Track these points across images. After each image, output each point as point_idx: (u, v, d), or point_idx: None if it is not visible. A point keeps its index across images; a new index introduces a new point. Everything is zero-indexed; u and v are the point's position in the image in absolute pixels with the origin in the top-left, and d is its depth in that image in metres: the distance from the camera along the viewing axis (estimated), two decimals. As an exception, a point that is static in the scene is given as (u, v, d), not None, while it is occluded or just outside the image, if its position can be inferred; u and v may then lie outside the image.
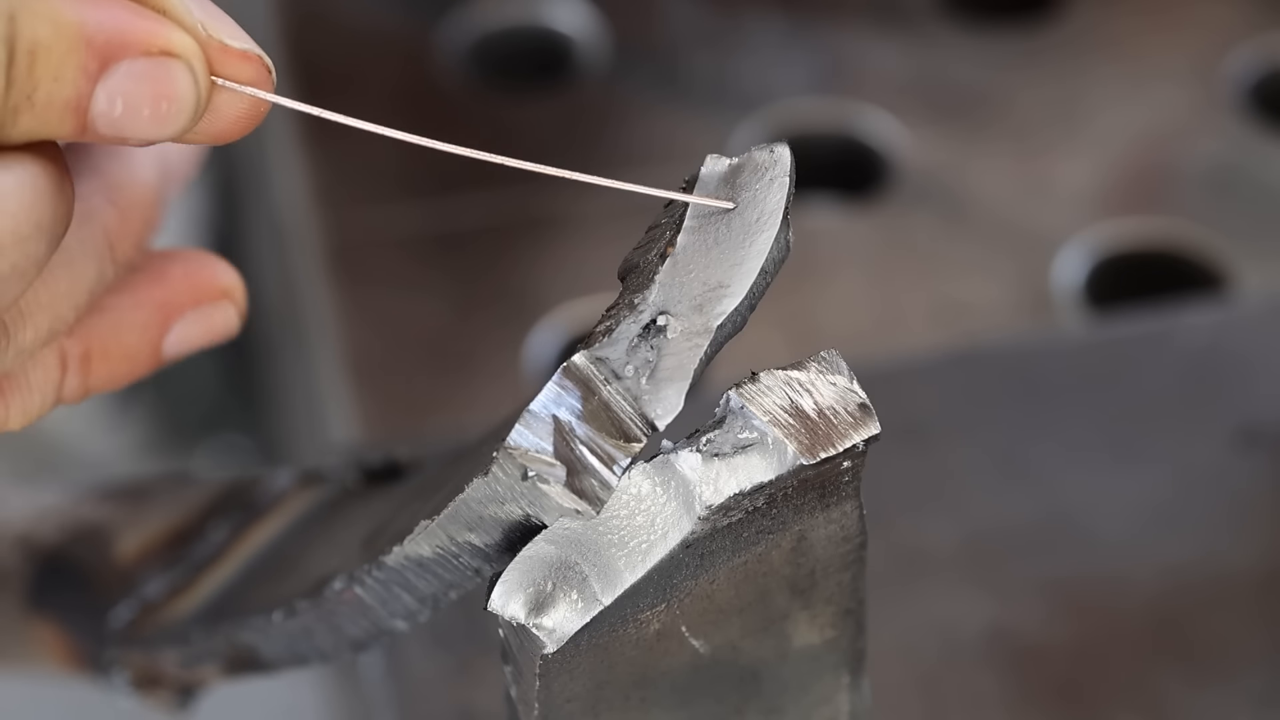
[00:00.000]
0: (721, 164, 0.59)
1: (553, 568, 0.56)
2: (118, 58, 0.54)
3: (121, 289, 0.61)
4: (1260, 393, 1.12)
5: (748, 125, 1.32)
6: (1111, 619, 1.03)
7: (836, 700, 0.64)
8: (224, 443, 1.86)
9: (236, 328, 0.63)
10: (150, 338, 0.62)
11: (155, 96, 0.54)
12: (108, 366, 0.61)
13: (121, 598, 0.76)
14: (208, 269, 0.63)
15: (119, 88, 0.54)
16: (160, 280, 0.62)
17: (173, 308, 0.62)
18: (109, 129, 0.54)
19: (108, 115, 0.54)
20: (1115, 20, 1.39)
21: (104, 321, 0.61)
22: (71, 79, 0.53)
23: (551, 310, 1.22)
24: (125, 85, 0.54)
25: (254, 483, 0.77)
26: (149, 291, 0.62)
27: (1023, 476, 1.08)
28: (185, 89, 0.55)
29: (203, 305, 0.63)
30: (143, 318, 0.61)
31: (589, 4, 1.38)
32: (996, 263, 1.25)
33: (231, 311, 0.63)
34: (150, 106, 0.54)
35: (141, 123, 0.54)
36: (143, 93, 0.54)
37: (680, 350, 0.56)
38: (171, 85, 0.54)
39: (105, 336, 0.61)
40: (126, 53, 0.54)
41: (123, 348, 0.61)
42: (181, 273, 0.62)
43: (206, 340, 0.63)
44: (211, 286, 0.63)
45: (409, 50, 1.36)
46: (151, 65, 0.54)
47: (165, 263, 0.62)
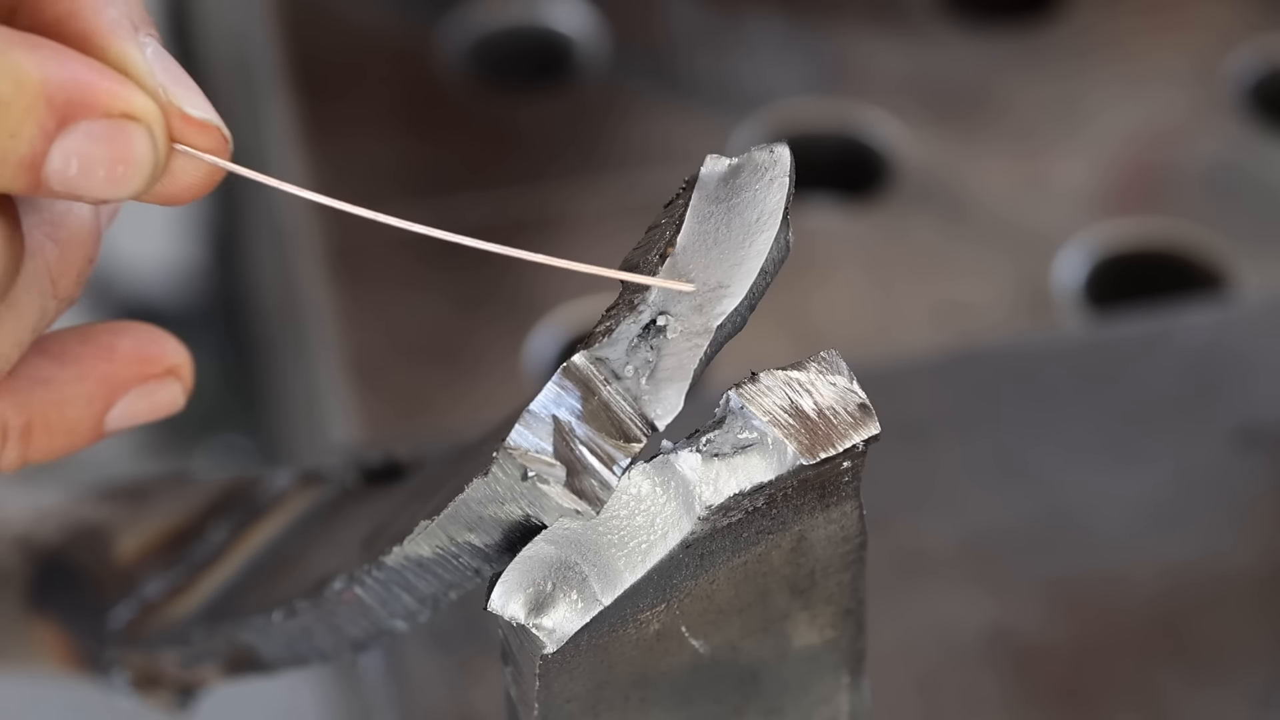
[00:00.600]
0: (721, 164, 0.59)
1: (553, 568, 0.56)
2: (77, 117, 0.53)
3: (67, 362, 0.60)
4: (1260, 393, 1.12)
5: (748, 125, 1.32)
6: (1111, 619, 1.03)
7: (836, 700, 0.64)
8: (224, 443, 1.86)
9: (181, 404, 0.62)
10: (94, 412, 0.61)
11: (112, 159, 0.53)
12: (48, 439, 0.60)
13: (121, 598, 0.76)
14: (155, 346, 0.62)
15: (75, 148, 0.53)
16: (107, 355, 0.61)
17: (118, 383, 0.61)
18: (63, 187, 0.53)
19: (62, 174, 0.53)
20: (1115, 20, 1.39)
21: (48, 394, 0.60)
22: (28, 137, 0.52)
23: (551, 310, 1.22)
24: (82, 146, 0.53)
25: (254, 483, 0.77)
26: (95, 366, 0.61)
27: (1023, 476, 1.08)
28: (143, 153, 0.54)
29: (148, 382, 0.62)
30: (87, 392, 0.61)
31: (589, 4, 1.38)
32: (996, 263, 1.25)
33: (177, 389, 0.62)
34: (106, 168, 0.53)
35: (96, 183, 0.53)
36: (99, 154, 0.53)
37: (680, 350, 0.56)
38: (129, 149, 0.53)
39: (48, 409, 0.60)
40: (86, 113, 0.53)
41: (65, 421, 0.60)
42: (129, 348, 0.61)
43: (150, 417, 0.62)
44: (158, 363, 0.62)
45: (409, 50, 1.36)
46: (110, 127, 0.53)
47: (113, 336, 0.61)
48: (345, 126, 1.32)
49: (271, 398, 1.64)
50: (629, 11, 1.39)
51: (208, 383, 1.86)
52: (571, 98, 1.34)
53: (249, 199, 1.57)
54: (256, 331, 1.64)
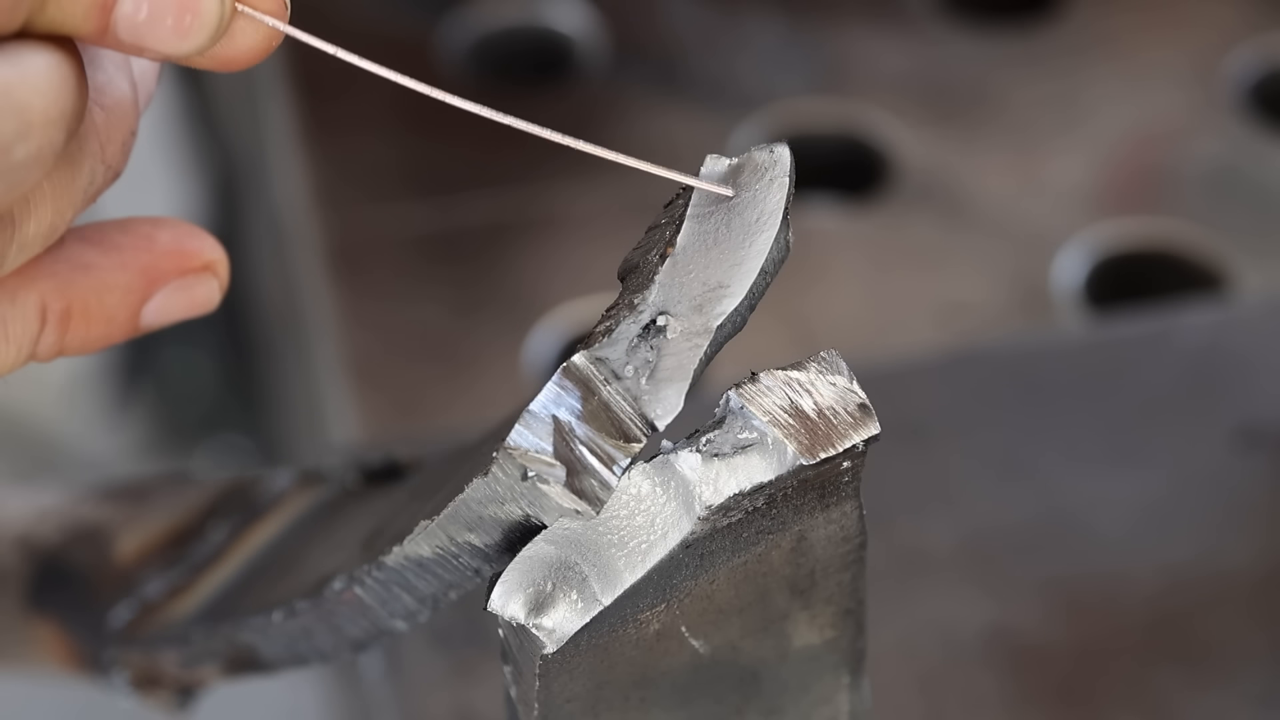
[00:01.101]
0: (721, 164, 0.59)
1: (553, 568, 0.56)
2: None
3: (108, 249, 0.61)
4: (1260, 393, 1.12)
5: (748, 125, 1.32)
6: (1111, 619, 1.03)
7: (836, 700, 0.64)
8: (224, 443, 1.86)
9: (217, 302, 0.63)
10: (132, 302, 0.61)
11: (180, 8, 0.54)
12: (86, 327, 0.60)
13: (121, 598, 0.76)
14: (194, 240, 0.62)
15: None
16: (147, 246, 0.61)
17: (157, 275, 0.62)
18: (129, 34, 0.55)
19: (131, 19, 0.54)
20: (1115, 20, 1.39)
21: (88, 280, 0.60)
22: None
23: (551, 310, 1.22)
24: None
25: (254, 483, 0.77)
26: (135, 256, 0.61)
27: (1023, 476, 1.08)
28: (210, 6, 0.55)
29: (186, 276, 0.62)
30: (126, 280, 0.61)
31: (589, 4, 1.38)
32: (996, 262, 1.26)
33: (214, 285, 0.63)
34: (174, 17, 0.54)
35: (162, 33, 0.55)
36: (169, 2, 0.54)
37: (680, 350, 0.56)
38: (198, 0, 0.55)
39: (87, 295, 0.60)
40: None
41: (103, 309, 0.61)
42: (168, 241, 0.62)
43: (186, 312, 0.63)
44: (197, 258, 0.62)
45: (409, 50, 1.36)
46: None
47: (153, 229, 0.62)
48: (345, 126, 1.32)
49: (271, 398, 1.64)
50: (629, 11, 1.39)
51: (208, 383, 1.86)
52: (571, 98, 1.34)
53: (249, 199, 1.57)
54: (256, 331, 1.64)
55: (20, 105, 0.53)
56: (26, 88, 0.54)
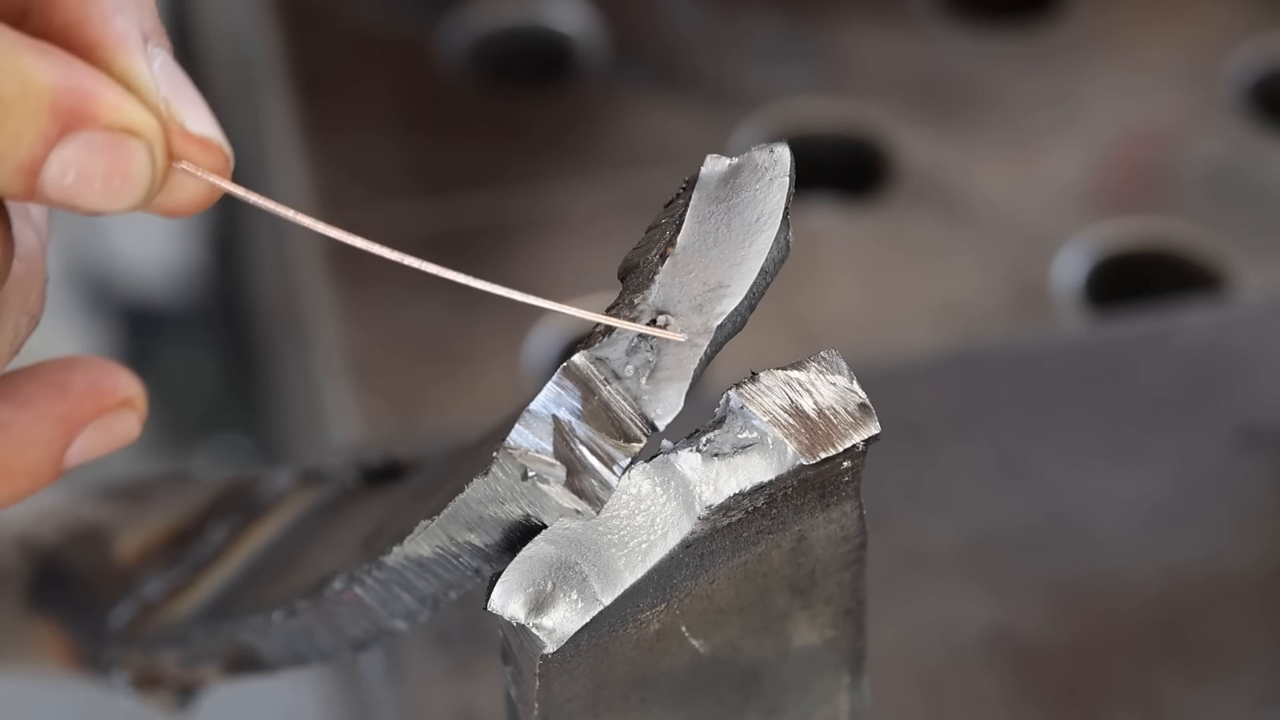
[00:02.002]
0: (721, 164, 0.59)
1: (553, 568, 0.56)
2: (78, 127, 0.53)
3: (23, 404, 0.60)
4: (1260, 393, 1.12)
5: (748, 125, 1.32)
6: (1111, 619, 1.03)
7: (836, 700, 0.64)
8: (224, 443, 1.86)
9: (137, 434, 0.63)
10: (54, 453, 0.61)
11: (109, 172, 0.53)
12: (10, 484, 0.60)
13: (121, 598, 0.76)
14: (108, 379, 0.62)
15: (74, 157, 0.53)
16: (61, 393, 0.61)
17: (74, 421, 0.61)
18: (58, 195, 0.53)
19: (59, 182, 0.53)
20: (1114, 19, 1.39)
21: (7, 440, 0.60)
22: (29, 141, 0.52)
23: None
24: (81, 156, 0.53)
25: (254, 483, 0.77)
26: (50, 406, 0.61)
27: (1023, 476, 1.08)
28: (140, 168, 0.54)
29: (104, 416, 0.62)
30: (45, 434, 0.60)
31: (589, 4, 1.38)
32: (996, 262, 1.26)
33: (133, 419, 0.62)
34: (103, 181, 0.53)
35: (91, 194, 0.53)
36: (97, 166, 0.53)
37: (680, 350, 0.56)
38: (127, 163, 0.53)
39: (9, 454, 0.60)
40: (87, 124, 0.53)
41: (25, 464, 0.60)
42: (82, 384, 0.61)
43: (107, 449, 0.62)
44: (113, 396, 0.62)
45: (409, 50, 1.36)
46: (109, 140, 0.53)
47: (65, 373, 0.61)
48: (346, 125, 1.32)
49: (271, 398, 1.64)
50: (629, 11, 1.39)
51: (208, 383, 1.86)
52: (571, 98, 1.34)
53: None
54: (256, 331, 1.64)
55: None
56: None
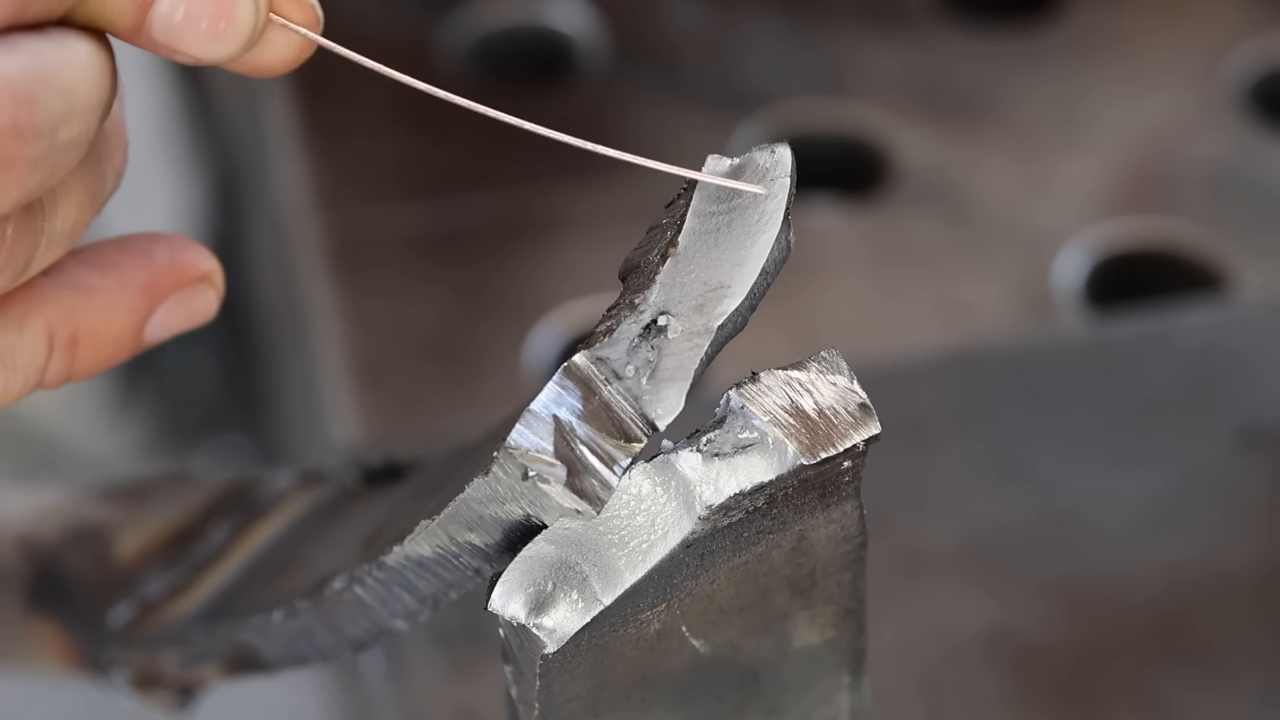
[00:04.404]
0: (723, 164, 0.59)
1: (553, 568, 0.56)
2: None
3: (108, 270, 0.61)
4: (1260, 393, 1.12)
5: (748, 125, 1.32)
6: (1111, 619, 1.03)
7: (837, 700, 0.64)
8: (224, 443, 1.86)
9: (215, 312, 0.64)
10: (136, 320, 0.62)
11: (216, 14, 0.55)
12: (94, 350, 0.61)
13: (121, 598, 0.76)
14: (190, 253, 0.63)
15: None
16: (145, 263, 0.62)
17: (157, 291, 0.62)
18: (163, 35, 0.55)
19: (167, 20, 0.55)
20: (1116, 20, 1.39)
21: (92, 303, 0.61)
22: None
23: (551, 310, 1.22)
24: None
25: (254, 483, 0.77)
26: (134, 275, 0.62)
27: (1023, 476, 1.08)
28: (245, 14, 0.55)
29: (184, 289, 0.63)
30: (129, 300, 0.61)
31: (589, 4, 1.38)
32: (997, 263, 1.26)
33: (211, 295, 0.63)
34: (209, 22, 0.55)
35: (196, 37, 0.55)
36: (205, 7, 0.55)
37: (681, 350, 0.56)
38: (234, 7, 0.55)
39: (92, 319, 0.61)
40: None
41: (109, 330, 0.61)
42: (165, 256, 0.62)
43: (186, 324, 0.63)
44: (194, 270, 0.63)
45: (409, 50, 1.36)
46: None
47: (149, 245, 0.62)
48: (345, 126, 1.32)
49: (271, 398, 1.64)
50: (629, 11, 1.39)
51: (208, 383, 1.86)
52: (571, 98, 1.34)
53: (249, 199, 1.57)
54: (256, 331, 1.64)
55: (67, 87, 0.54)
56: (72, 71, 0.54)
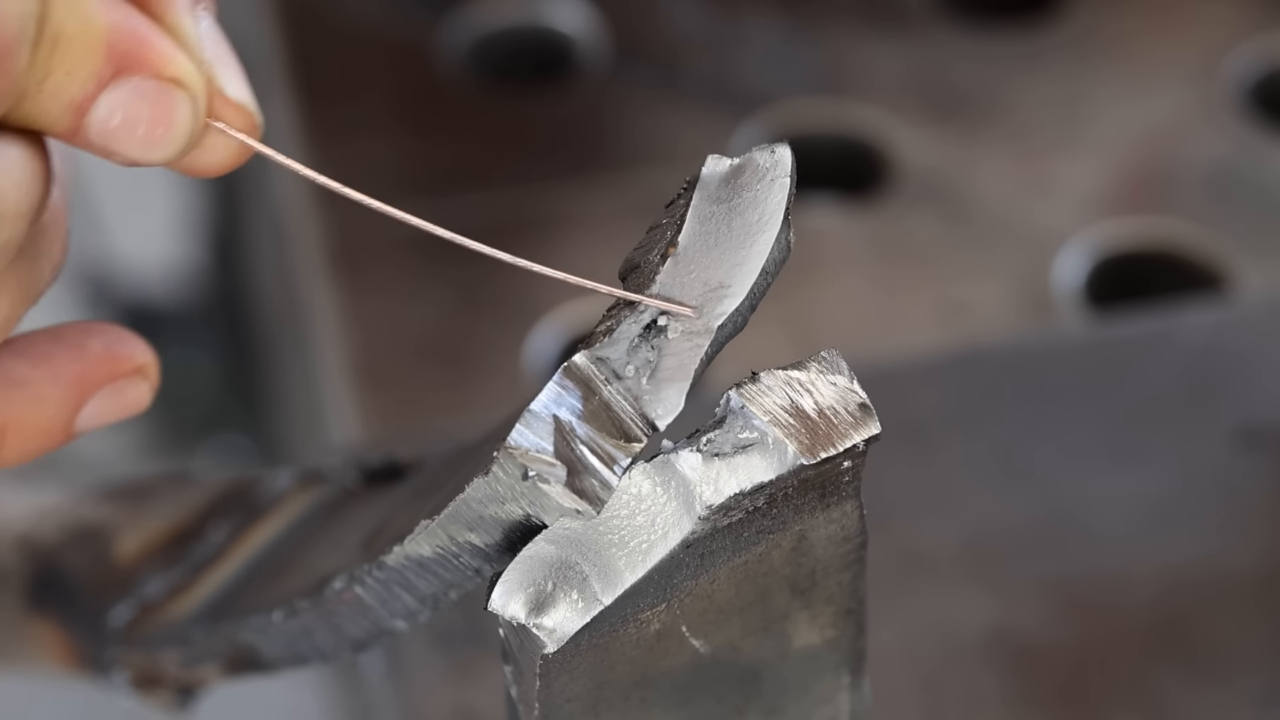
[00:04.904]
0: (723, 164, 0.59)
1: (553, 568, 0.56)
2: (130, 71, 0.54)
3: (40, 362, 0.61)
4: (1260, 393, 1.12)
5: (748, 125, 1.32)
6: (1111, 619, 1.03)
7: (837, 700, 0.64)
8: (224, 443, 1.86)
9: (148, 403, 0.63)
10: (66, 412, 0.61)
11: (153, 120, 0.55)
12: (21, 442, 0.61)
13: (121, 598, 0.76)
14: (124, 346, 0.62)
15: (123, 101, 0.54)
16: (78, 355, 0.62)
17: (89, 383, 0.62)
18: (100, 139, 0.55)
19: (104, 124, 0.55)
20: (1116, 20, 1.39)
21: (22, 396, 0.60)
22: (82, 78, 0.54)
23: (551, 310, 1.22)
24: (129, 100, 0.54)
25: (254, 483, 0.77)
26: (67, 367, 0.61)
27: (1023, 476, 1.08)
28: (183, 120, 0.55)
29: (118, 381, 0.62)
30: (60, 393, 0.61)
31: (589, 4, 1.38)
32: (997, 263, 1.26)
33: (145, 388, 0.63)
34: (146, 128, 0.55)
35: (133, 141, 0.55)
36: (143, 113, 0.55)
37: (681, 350, 0.56)
38: (171, 113, 0.55)
39: (21, 411, 0.60)
40: (140, 69, 0.54)
41: (38, 422, 0.61)
42: (99, 348, 0.62)
43: (119, 416, 0.63)
44: (128, 363, 0.62)
45: (409, 50, 1.36)
46: (158, 89, 0.55)
47: (83, 336, 0.62)
48: (345, 126, 1.32)
49: (271, 398, 1.64)
50: (629, 11, 1.39)
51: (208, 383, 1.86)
52: (571, 98, 1.34)
53: (249, 199, 1.57)
54: (256, 331, 1.64)
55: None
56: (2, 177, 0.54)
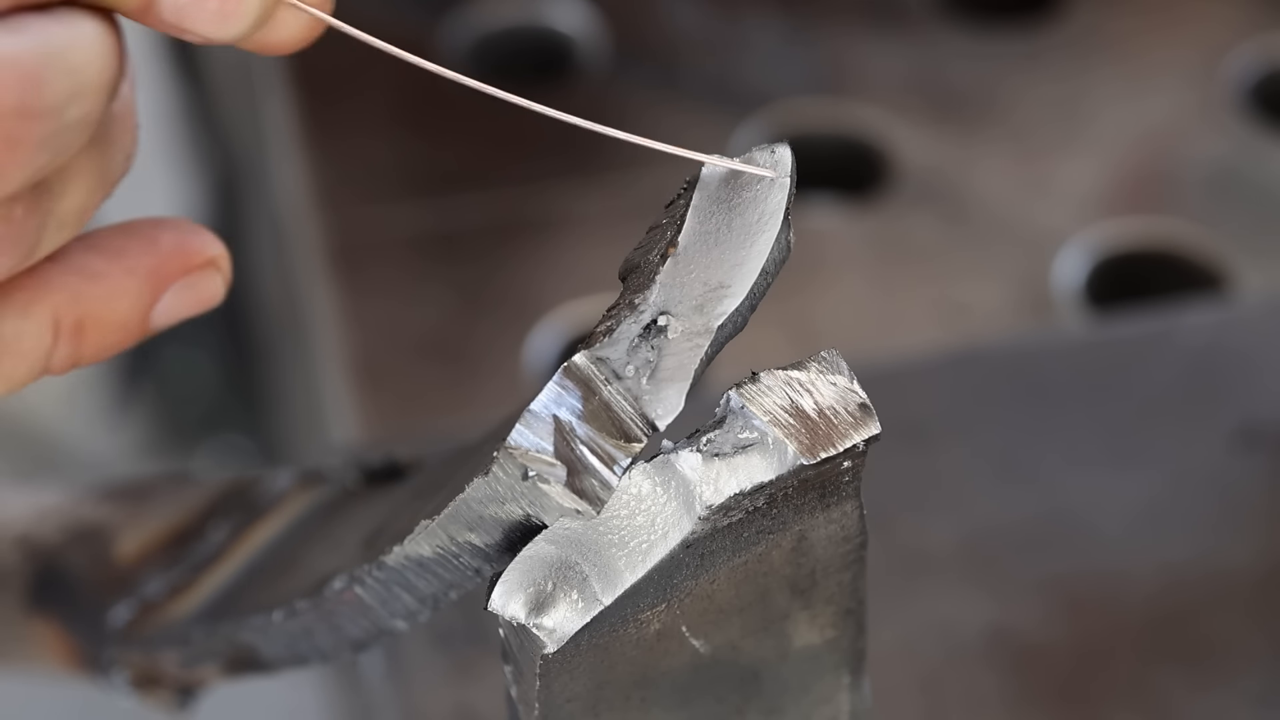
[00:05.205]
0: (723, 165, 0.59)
1: (553, 568, 0.56)
2: None
3: (114, 256, 0.61)
4: (1260, 393, 1.12)
5: (748, 125, 1.32)
6: (1111, 619, 1.03)
7: (837, 700, 0.64)
8: (224, 443, 1.86)
9: (222, 296, 0.63)
10: (142, 306, 0.61)
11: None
12: (99, 336, 0.61)
13: (121, 598, 0.76)
14: (196, 238, 0.62)
15: None
16: (151, 249, 0.62)
17: (163, 276, 0.62)
18: (171, 14, 0.55)
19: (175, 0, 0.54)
20: (1115, 20, 1.39)
21: (98, 289, 0.60)
22: None
23: (551, 310, 1.22)
24: None
25: (254, 483, 0.77)
26: (141, 260, 0.61)
27: (1023, 476, 1.08)
28: None
29: (191, 274, 0.62)
30: (135, 286, 0.61)
31: (589, 4, 1.38)
32: (996, 263, 1.26)
33: (218, 280, 0.63)
34: (218, 2, 0.55)
35: (205, 16, 0.55)
36: None
37: (681, 350, 0.56)
38: None
39: (99, 305, 0.60)
40: None
41: (115, 316, 0.61)
42: (172, 241, 0.62)
43: (194, 309, 0.63)
44: (200, 255, 0.62)
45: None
46: None
47: (155, 230, 0.62)
48: (345, 126, 1.32)
49: (271, 398, 1.64)
50: (629, 11, 1.39)
51: (208, 383, 1.86)
52: (572, 98, 1.34)
53: (249, 199, 1.57)
54: (256, 331, 1.64)
55: (74, 66, 0.53)
56: (79, 51, 0.54)
